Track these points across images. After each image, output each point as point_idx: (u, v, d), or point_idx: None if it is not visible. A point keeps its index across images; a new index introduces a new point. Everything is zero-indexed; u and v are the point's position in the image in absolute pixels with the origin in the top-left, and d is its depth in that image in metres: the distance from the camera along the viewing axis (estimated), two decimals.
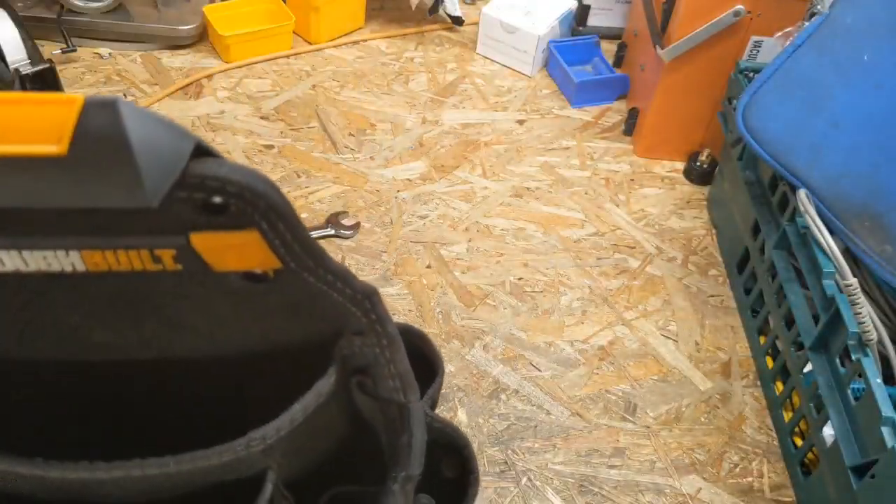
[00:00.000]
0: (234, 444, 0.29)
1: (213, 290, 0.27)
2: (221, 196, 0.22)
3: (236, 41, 1.15)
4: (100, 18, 1.14)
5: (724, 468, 0.74)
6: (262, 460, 0.30)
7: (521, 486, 0.71)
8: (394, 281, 0.87)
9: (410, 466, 0.31)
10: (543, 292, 0.88)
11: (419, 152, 1.05)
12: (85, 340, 0.30)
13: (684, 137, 1.07)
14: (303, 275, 0.26)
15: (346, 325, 0.29)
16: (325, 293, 0.28)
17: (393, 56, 1.23)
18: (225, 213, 0.23)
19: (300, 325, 0.30)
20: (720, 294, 0.91)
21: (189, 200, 0.22)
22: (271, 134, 1.05)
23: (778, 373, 0.78)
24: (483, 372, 0.80)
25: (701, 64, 0.99)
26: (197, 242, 0.24)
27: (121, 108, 0.20)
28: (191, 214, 0.22)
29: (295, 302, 0.28)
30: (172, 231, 0.23)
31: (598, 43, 1.24)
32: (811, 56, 0.76)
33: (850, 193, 0.71)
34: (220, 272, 0.26)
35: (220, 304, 0.28)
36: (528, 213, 0.98)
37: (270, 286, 0.27)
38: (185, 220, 0.23)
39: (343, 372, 0.31)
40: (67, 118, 0.20)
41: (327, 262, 0.27)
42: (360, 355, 0.30)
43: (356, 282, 0.28)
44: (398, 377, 0.31)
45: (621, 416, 0.77)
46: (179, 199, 0.22)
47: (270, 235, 0.24)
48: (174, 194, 0.21)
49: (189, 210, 0.22)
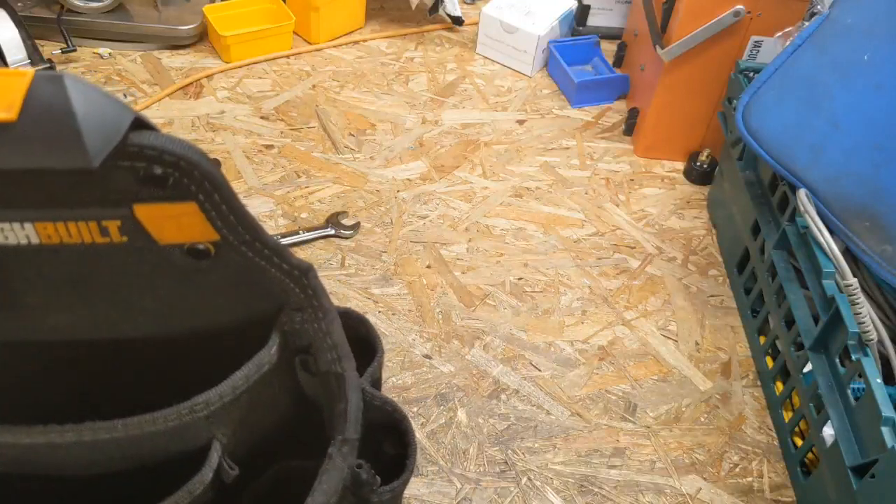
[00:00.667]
0: (178, 407, 0.30)
1: (159, 267, 0.28)
2: (160, 166, 0.24)
3: (236, 41, 1.15)
4: (100, 18, 1.14)
5: (724, 468, 0.74)
6: (208, 428, 0.31)
7: (521, 486, 0.71)
8: (394, 281, 0.87)
9: (347, 431, 0.32)
10: (543, 292, 0.88)
11: (419, 152, 1.05)
12: (42, 321, 0.31)
13: (684, 137, 1.07)
14: (241, 249, 0.28)
15: (286, 301, 0.31)
16: (264, 269, 0.29)
17: (393, 56, 1.23)
18: (165, 185, 0.25)
19: (243, 303, 0.31)
20: (720, 294, 0.91)
21: (131, 170, 0.24)
22: (271, 134, 1.05)
23: (778, 373, 0.78)
24: (483, 372, 0.80)
25: (701, 64, 0.99)
26: (140, 213, 0.26)
27: (66, 81, 0.23)
28: (133, 185, 0.24)
29: (236, 279, 0.30)
30: (117, 202, 0.25)
31: (598, 43, 1.24)
32: (811, 56, 0.76)
33: (850, 193, 0.71)
34: (165, 246, 0.27)
35: (166, 282, 0.29)
36: (528, 213, 0.98)
37: (212, 263, 0.28)
38: (129, 192, 0.25)
39: (286, 349, 0.32)
40: (18, 89, 0.22)
41: (263, 236, 0.28)
42: (301, 333, 0.31)
43: (293, 258, 0.30)
44: (334, 348, 0.32)
45: (621, 416, 0.77)
46: (122, 168, 0.24)
47: (207, 206, 0.26)
48: (117, 163, 0.23)
49: (131, 180, 0.24)
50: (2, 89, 0.23)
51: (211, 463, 0.32)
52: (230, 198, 0.27)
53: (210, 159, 0.26)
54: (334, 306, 0.32)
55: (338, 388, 0.33)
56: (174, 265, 0.28)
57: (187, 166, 0.25)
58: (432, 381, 0.78)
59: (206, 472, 0.32)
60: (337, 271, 0.88)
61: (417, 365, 0.79)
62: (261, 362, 0.32)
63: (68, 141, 0.22)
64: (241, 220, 0.27)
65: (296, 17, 1.19)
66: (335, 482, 0.31)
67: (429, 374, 0.79)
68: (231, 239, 0.28)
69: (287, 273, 0.30)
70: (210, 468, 0.32)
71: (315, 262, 0.89)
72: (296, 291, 0.31)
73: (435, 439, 0.73)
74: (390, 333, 0.82)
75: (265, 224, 0.92)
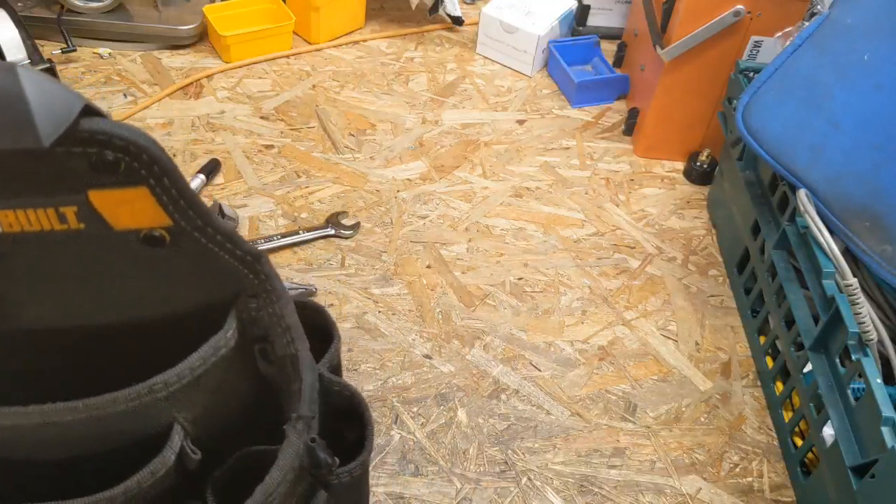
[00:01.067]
0: (138, 387, 0.32)
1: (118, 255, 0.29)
2: (111, 151, 0.25)
3: (236, 41, 1.15)
4: (100, 18, 1.14)
5: (724, 468, 0.74)
6: (168, 411, 0.32)
7: (521, 486, 0.71)
8: (394, 281, 0.87)
9: (301, 408, 0.32)
10: (543, 292, 0.88)
11: (419, 152, 1.05)
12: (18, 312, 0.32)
13: (684, 137, 1.07)
14: (194, 235, 0.29)
15: (242, 288, 0.32)
16: (217, 255, 0.30)
17: (393, 56, 1.23)
18: (117, 171, 0.26)
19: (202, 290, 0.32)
20: (720, 294, 0.91)
21: (84, 156, 0.25)
22: (271, 134, 1.05)
23: (778, 373, 0.78)
24: (483, 372, 0.80)
25: (701, 64, 0.99)
26: (95, 199, 0.27)
27: (18, 70, 0.24)
28: (87, 172, 0.26)
29: (193, 266, 0.31)
30: (73, 189, 0.26)
31: (598, 43, 1.24)
32: (811, 56, 0.76)
33: (850, 193, 0.71)
34: (121, 233, 0.29)
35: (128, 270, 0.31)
36: (528, 213, 0.98)
37: (168, 251, 0.30)
38: (83, 178, 0.26)
39: (244, 336, 0.33)
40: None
41: (215, 221, 0.29)
42: (258, 321, 0.32)
43: (245, 244, 0.31)
44: (288, 331, 0.33)
45: (621, 416, 0.77)
46: (75, 154, 0.25)
47: (158, 191, 0.27)
48: (70, 150, 0.25)
49: (85, 167, 0.25)
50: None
51: (173, 445, 0.33)
52: (179, 181, 0.28)
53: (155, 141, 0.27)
54: (287, 290, 0.33)
55: (293, 369, 0.33)
56: (133, 253, 0.29)
57: (136, 150, 0.26)
58: (432, 381, 0.78)
59: (167, 453, 0.33)
60: (337, 271, 0.88)
61: (417, 365, 0.79)
62: (217, 345, 0.33)
63: (20, 123, 0.23)
64: (191, 204, 0.29)
65: (296, 17, 1.20)
66: (290, 459, 0.31)
67: (429, 374, 0.79)
68: (183, 224, 0.29)
69: (240, 259, 0.31)
70: (172, 451, 0.33)
71: (315, 262, 0.89)
72: (249, 277, 0.32)
73: (435, 439, 0.73)
74: (390, 333, 0.82)
75: (265, 224, 0.92)
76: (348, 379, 0.78)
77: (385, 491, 0.69)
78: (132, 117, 1.05)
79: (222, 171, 0.99)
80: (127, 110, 1.05)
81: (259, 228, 0.92)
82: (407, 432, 0.74)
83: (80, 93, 0.24)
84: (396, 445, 0.73)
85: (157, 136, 1.02)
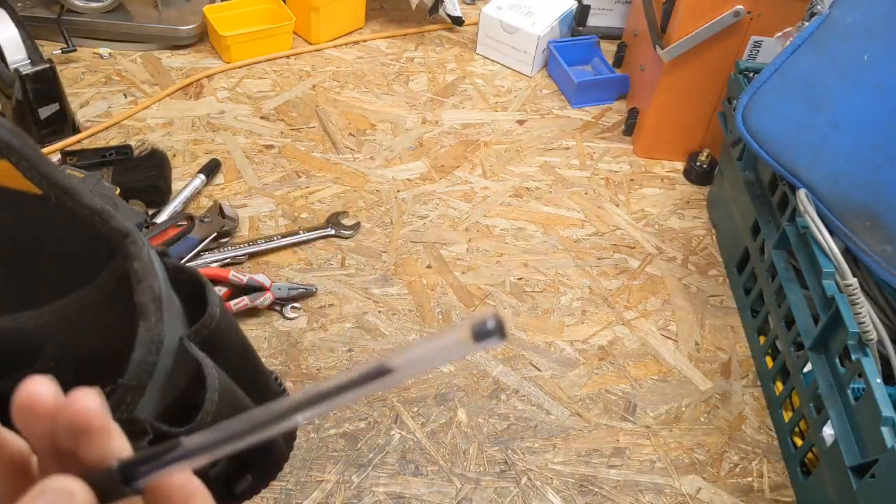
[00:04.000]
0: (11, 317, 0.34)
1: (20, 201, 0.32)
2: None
3: (236, 41, 1.15)
4: (100, 18, 1.14)
5: (724, 468, 0.74)
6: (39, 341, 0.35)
7: (521, 486, 0.71)
8: (394, 281, 0.88)
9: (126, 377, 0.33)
10: (543, 292, 0.88)
11: (419, 152, 1.05)
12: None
13: (684, 137, 1.07)
14: (66, 204, 0.31)
15: (117, 251, 0.33)
16: (90, 223, 0.32)
17: (393, 56, 1.23)
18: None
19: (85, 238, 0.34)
20: (720, 294, 0.91)
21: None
22: (271, 134, 1.05)
23: (778, 373, 0.78)
24: (483, 372, 0.80)
25: (701, 64, 0.99)
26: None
27: None
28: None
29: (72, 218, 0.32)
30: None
31: (598, 43, 1.24)
32: (811, 56, 0.76)
33: (850, 193, 0.71)
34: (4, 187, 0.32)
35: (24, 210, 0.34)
36: (528, 213, 0.98)
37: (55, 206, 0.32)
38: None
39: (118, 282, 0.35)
40: None
41: (82, 198, 0.31)
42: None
43: (114, 221, 0.32)
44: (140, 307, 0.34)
45: (621, 416, 0.77)
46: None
47: (20, 167, 0.29)
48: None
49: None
50: None
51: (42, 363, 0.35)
52: (38, 166, 0.31)
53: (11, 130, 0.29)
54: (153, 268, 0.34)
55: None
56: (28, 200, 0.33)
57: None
58: (432, 380, 0.78)
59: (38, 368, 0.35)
60: (337, 271, 0.88)
61: None
62: (83, 296, 0.35)
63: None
64: (56, 186, 0.30)
65: (296, 17, 1.19)
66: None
67: (429, 373, 0.79)
68: (53, 197, 0.31)
69: (110, 232, 0.32)
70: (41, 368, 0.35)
71: (315, 262, 0.89)
72: (119, 247, 0.33)
73: (435, 439, 0.73)
74: (390, 333, 0.82)
75: (265, 224, 0.92)
76: None
77: (385, 491, 0.69)
78: (132, 117, 1.05)
79: (222, 171, 0.99)
80: (127, 110, 1.05)
81: (259, 228, 0.92)
82: (407, 432, 0.74)
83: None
84: (396, 445, 0.73)
85: (158, 137, 1.02)
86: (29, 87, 0.94)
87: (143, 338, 0.32)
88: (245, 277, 0.81)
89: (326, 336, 0.81)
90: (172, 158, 0.98)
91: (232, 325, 0.41)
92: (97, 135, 1.02)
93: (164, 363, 0.33)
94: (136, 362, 0.32)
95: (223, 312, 0.38)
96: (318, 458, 0.71)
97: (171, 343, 0.34)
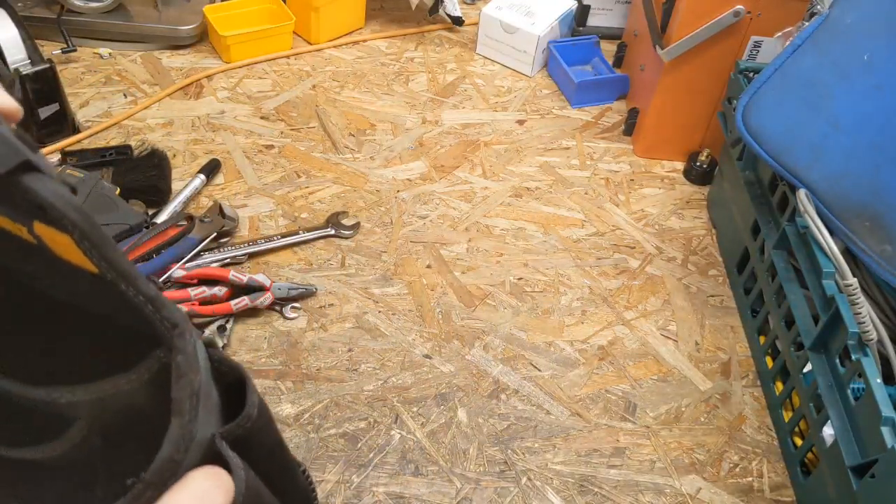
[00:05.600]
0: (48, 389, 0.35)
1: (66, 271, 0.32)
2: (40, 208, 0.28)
3: (236, 41, 1.15)
4: (100, 18, 1.14)
5: (723, 468, 0.74)
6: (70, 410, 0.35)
7: (521, 486, 0.71)
8: (394, 281, 0.88)
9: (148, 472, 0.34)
10: (543, 292, 0.88)
11: (419, 152, 1.05)
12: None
13: (684, 137, 1.07)
14: (120, 287, 0.31)
15: (163, 341, 0.33)
16: (141, 311, 0.32)
17: (393, 56, 1.23)
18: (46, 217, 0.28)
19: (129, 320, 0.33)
20: (720, 294, 0.91)
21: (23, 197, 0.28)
22: (271, 134, 1.05)
23: (778, 373, 0.78)
24: (483, 372, 0.80)
25: (701, 64, 0.99)
26: (37, 228, 0.30)
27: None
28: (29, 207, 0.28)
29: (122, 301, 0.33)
30: (23, 214, 0.29)
31: (598, 43, 1.24)
32: (811, 56, 0.76)
33: (850, 193, 0.71)
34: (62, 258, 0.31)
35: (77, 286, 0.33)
36: (528, 213, 0.98)
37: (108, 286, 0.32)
38: (27, 210, 0.28)
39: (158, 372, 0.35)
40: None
41: (141, 285, 0.31)
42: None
43: (167, 310, 0.32)
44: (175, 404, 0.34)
45: (621, 416, 0.77)
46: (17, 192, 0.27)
47: (82, 246, 0.29)
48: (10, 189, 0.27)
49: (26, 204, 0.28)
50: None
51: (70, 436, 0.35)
52: (101, 248, 0.30)
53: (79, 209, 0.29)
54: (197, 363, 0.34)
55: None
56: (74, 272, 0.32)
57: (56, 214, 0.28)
58: (432, 381, 0.78)
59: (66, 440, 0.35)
60: (337, 271, 0.88)
61: (417, 365, 0.79)
62: (118, 383, 0.35)
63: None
64: (116, 270, 0.30)
65: (296, 17, 1.19)
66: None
67: (429, 374, 0.79)
68: (108, 277, 0.31)
69: (159, 321, 0.32)
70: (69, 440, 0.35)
71: (315, 262, 0.89)
72: (165, 339, 0.33)
73: (435, 439, 0.73)
74: (390, 333, 0.82)
75: (265, 224, 0.92)
76: (349, 378, 0.78)
77: (385, 491, 0.69)
78: (132, 117, 1.05)
79: (222, 171, 0.99)
80: (127, 110, 1.05)
81: (259, 228, 0.92)
82: (407, 432, 0.74)
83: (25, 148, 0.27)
84: (396, 445, 0.73)
85: (158, 137, 1.02)
86: (29, 87, 0.94)
87: (174, 436, 0.32)
88: (245, 277, 0.81)
89: (326, 336, 0.81)
90: (172, 158, 0.98)
91: (268, 422, 0.41)
92: (97, 135, 1.02)
93: (192, 459, 0.33)
94: (162, 460, 0.32)
95: (262, 409, 0.38)
96: (318, 458, 0.71)
97: (203, 438, 0.34)
